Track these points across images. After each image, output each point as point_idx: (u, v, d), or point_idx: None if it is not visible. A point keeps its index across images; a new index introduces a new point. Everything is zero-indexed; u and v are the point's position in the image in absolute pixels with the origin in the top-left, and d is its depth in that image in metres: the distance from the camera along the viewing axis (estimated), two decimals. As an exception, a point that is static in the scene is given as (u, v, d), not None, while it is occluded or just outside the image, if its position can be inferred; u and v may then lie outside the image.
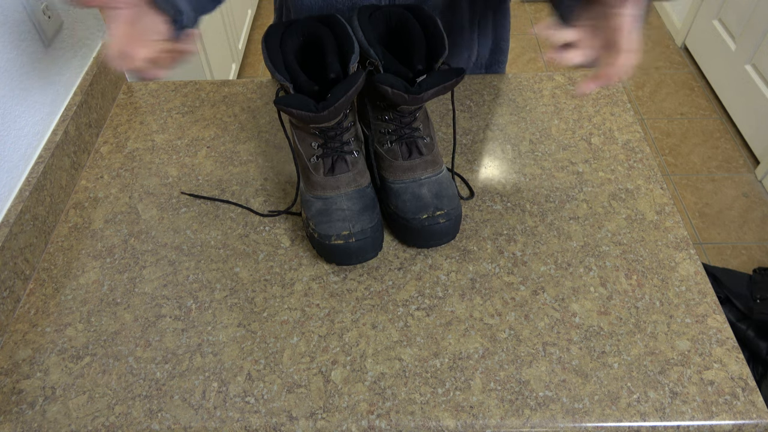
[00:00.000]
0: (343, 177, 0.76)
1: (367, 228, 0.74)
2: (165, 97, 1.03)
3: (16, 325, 0.73)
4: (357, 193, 0.76)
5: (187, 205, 0.85)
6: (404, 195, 0.77)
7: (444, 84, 0.70)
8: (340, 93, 0.68)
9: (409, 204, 0.76)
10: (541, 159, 0.91)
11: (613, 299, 0.74)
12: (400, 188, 0.77)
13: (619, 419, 0.64)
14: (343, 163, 0.76)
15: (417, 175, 0.77)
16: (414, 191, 0.77)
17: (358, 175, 0.77)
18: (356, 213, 0.75)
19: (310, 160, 0.77)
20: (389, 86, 0.69)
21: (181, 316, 0.73)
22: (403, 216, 0.76)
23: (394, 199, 0.78)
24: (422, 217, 0.75)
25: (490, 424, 0.64)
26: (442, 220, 0.75)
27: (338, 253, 0.75)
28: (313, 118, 0.69)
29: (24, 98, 0.81)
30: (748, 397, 0.65)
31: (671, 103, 2.50)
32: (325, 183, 0.76)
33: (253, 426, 0.64)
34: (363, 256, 0.76)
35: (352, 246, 0.74)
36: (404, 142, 0.78)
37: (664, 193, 0.86)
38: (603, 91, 1.03)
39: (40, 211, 0.80)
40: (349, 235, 0.74)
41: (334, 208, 0.75)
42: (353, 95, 0.69)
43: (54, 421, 0.64)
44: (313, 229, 0.76)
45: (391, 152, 0.78)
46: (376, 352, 0.69)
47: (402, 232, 0.78)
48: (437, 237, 0.76)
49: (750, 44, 2.28)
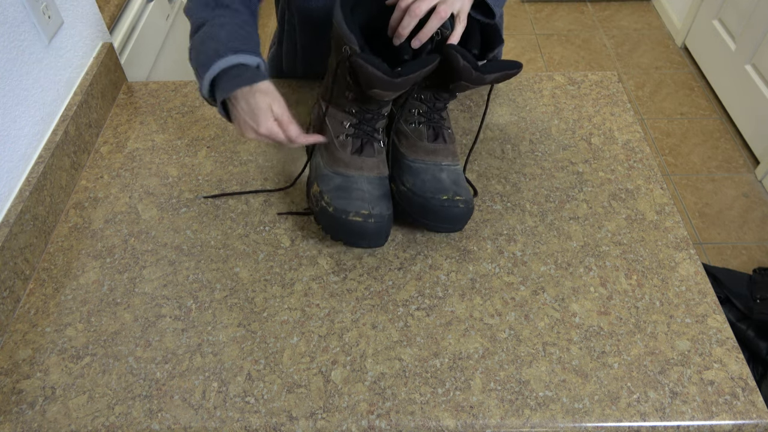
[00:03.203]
0: (369, 160, 0.76)
1: (385, 214, 0.75)
2: (165, 97, 1.03)
3: (16, 325, 0.73)
4: (378, 180, 0.77)
5: (187, 205, 0.85)
6: (424, 174, 0.77)
7: (505, 71, 0.71)
8: (414, 68, 0.68)
9: (429, 184, 0.76)
10: (541, 159, 0.91)
11: (613, 299, 0.74)
12: (420, 168, 0.78)
13: (619, 419, 0.64)
14: (371, 148, 0.77)
15: (439, 160, 0.78)
16: (434, 174, 0.77)
17: (381, 164, 0.78)
18: (376, 197, 0.75)
19: (338, 137, 0.77)
20: (461, 55, 0.70)
21: (181, 316, 0.73)
22: (422, 194, 0.76)
23: (411, 177, 0.78)
24: (442, 198, 0.75)
25: (490, 424, 0.64)
26: (461, 205, 0.76)
27: (354, 230, 0.74)
28: (386, 83, 0.68)
29: (24, 98, 0.81)
30: (748, 397, 0.65)
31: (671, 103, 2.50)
32: (350, 161, 0.76)
33: (253, 426, 0.64)
34: (376, 240, 0.75)
35: (369, 226, 0.73)
36: (432, 126, 0.79)
37: (664, 193, 0.86)
38: (603, 91, 1.03)
39: (40, 211, 0.80)
40: (368, 215, 0.73)
41: (354, 187, 0.75)
42: (424, 74, 0.69)
43: (54, 421, 0.64)
44: (328, 202, 0.75)
45: (417, 132, 0.79)
46: (376, 352, 0.69)
47: (417, 210, 0.77)
48: (454, 220, 0.76)
49: (750, 44, 2.28)
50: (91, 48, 0.99)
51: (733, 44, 2.41)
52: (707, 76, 2.61)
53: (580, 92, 1.02)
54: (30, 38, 0.83)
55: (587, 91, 1.03)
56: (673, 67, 2.70)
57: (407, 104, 0.80)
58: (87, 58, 0.98)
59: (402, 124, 0.80)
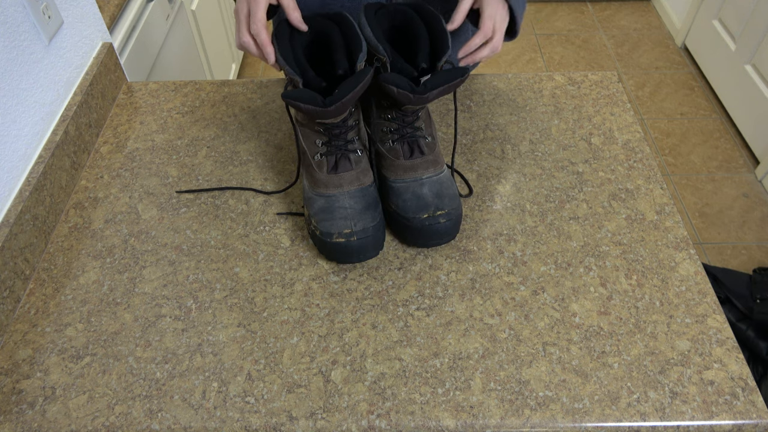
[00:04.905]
0: (346, 175, 0.76)
1: (369, 227, 0.74)
2: (165, 97, 1.03)
3: (16, 325, 0.73)
4: (360, 192, 0.76)
5: (187, 205, 0.85)
6: (405, 194, 0.77)
7: (449, 83, 0.70)
8: (347, 89, 0.68)
9: (410, 203, 0.76)
10: (541, 159, 0.91)
11: (613, 299, 0.74)
12: (401, 187, 0.77)
13: (619, 419, 0.64)
14: (347, 162, 0.76)
15: (418, 175, 0.77)
16: (415, 191, 0.77)
17: (361, 174, 0.77)
18: (358, 212, 0.75)
19: (314, 158, 0.77)
20: (395, 86, 0.69)
21: (181, 316, 0.73)
22: (404, 215, 0.76)
23: (395, 198, 0.78)
24: (423, 217, 0.75)
25: (490, 424, 0.64)
26: (443, 220, 0.75)
27: (339, 251, 0.75)
28: (320, 113, 0.69)
29: (24, 98, 0.81)
30: (748, 397, 0.65)
31: (671, 103, 2.50)
32: (328, 181, 0.76)
33: (253, 426, 0.64)
34: (364, 255, 0.75)
35: (353, 244, 0.74)
36: (406, 141, 0.78)
37: (664, 193, 0.86)
38: (603, 91, 1.03)
39: (40, 211, 0.80)
40: (350, 234, 0.73)
41: (336, 206, 0.75)
42: (360, 92, 0.69)
43: (54, 421, 0.64)
44: (315, 226, 0.76)
45: (392, 151, 0.78)
46: (376, 352, 0.69)
47: (402, 231, 0.78)
48: (437, 237, 0.76)
49: (750, 44, 2.28)
50: (91, 48, 0.99)
51: (733, 44, 2.41)
52: (707, 76, 2.61)
53: (580, 92, 1.02)
54: (30, 38, 0.83)
55: (587, 91, 1.03)
56: (673, 67, 2.70)
57: (375, 124, 0.79)
58: (87, 58, 0.98)
59: (378, 144, 0.80)
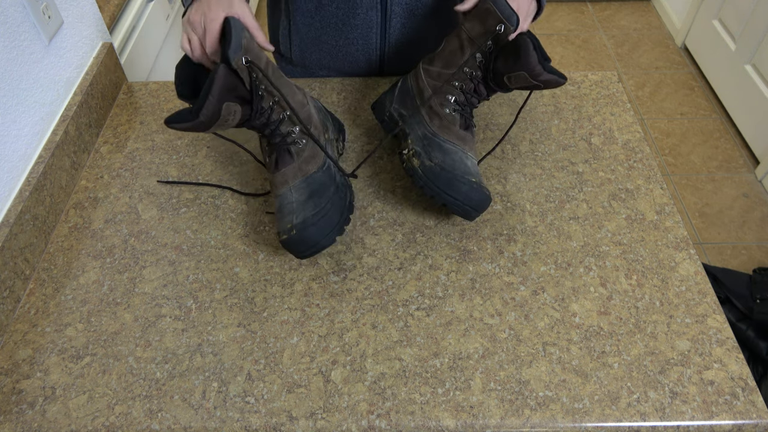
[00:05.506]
0: (288, 170, 0.75)
1: (308, 216, 0.72)
2: (165, 97, 1.03)
3: (16, 325, 0.73)
4: (303, 183, 0.75)
5: (187, 205, 0.85)
6: (454, 155, 0.78)
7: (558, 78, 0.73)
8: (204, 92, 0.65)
9: (458, 165, 0.77)
10: (541, 159, 0.91)
11: (613, 299, 0.74)
12: (451, 149, 0.78)
13: (619, 419, 0.64)
14: (287, 155, 0.75)
15: (467, 149, 0.79)
16: (462, 158, 0.78)
17: (303, 163, 0.75)
18: (301, 203, 0.73)
19: (267, 160, 0.77)
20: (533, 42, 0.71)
21: (181, 316, 0.73)
22: (451, 171, 0.76)
23: (441, 155, 0.78)
24: (471, 179, 0.76)
25: (490, 424, 0.64)
26: (486, 192, 0.76)
27: (288, 247, 0.73)
28: (192, 127, 0.66)
29: (24, 98, 0.81)
30: (748, 397, 0.65)
31: (671, 103, 2.50)
32: (274, 180, 0.76)
33: (253, 426, 0.64)
34: (314, 245, 0.72)
35: (294, 238, 0.71)
36: (464, 117, 0.80)
37: (664, 193, 0.86)
38: (603, 91, 1.03)
39: (40, 211, 0.80)
40: (290, 229, 0.72)
41: (285, 203, 0.74)
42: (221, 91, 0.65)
43: (54, 421, 0.64)
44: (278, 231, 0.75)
45: (450, 117, 0.79)
46: (376, 352, 0.69)
47: (444, 183, 0.76)
48: (475, 202, 0.76)
49: (750, 44, 2.28)
50: (91, 48, 0.99)
51: (733, 44, 2.41)
52: (707, 76, 2.61)
53: (580, 92, 1.02)
54: (30, 38, 0.83)
55: (587, 91, 1.03)
56: (673, 67, 2.70)
57: (445, 87, 0.80)
58: (87, 58, 0.98)
59: (437, 104, 0.80)
